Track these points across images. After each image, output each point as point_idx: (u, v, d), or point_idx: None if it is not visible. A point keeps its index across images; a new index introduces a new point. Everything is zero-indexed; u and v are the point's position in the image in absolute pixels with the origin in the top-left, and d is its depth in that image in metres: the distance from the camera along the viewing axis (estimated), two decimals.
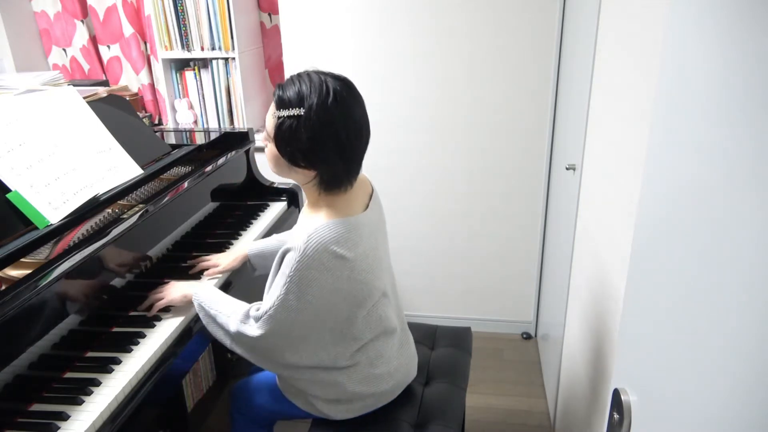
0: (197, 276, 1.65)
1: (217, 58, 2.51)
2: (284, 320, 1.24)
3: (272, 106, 1.23)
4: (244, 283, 1.69)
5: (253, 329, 1.28)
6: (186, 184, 1.77)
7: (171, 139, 2.11)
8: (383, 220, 1.42)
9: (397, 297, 1.50)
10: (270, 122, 1.23)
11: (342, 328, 1.30)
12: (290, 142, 1.19)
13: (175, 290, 1.47)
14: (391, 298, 1.42)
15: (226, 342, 1.36)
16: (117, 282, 1.46)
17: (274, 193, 2.27)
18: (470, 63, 2.33)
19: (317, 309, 1.24)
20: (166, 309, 1.48)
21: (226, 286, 1.64)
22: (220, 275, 1.65)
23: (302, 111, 1.16)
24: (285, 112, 1.18)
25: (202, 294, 1.41)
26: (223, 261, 1.67)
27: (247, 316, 1.30)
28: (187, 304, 1.45)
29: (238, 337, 1.32)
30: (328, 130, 1.17)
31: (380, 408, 1.44)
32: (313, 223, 1.23)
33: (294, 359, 1.31)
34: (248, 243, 1.72)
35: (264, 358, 1.34)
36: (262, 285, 1.38)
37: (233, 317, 1.32)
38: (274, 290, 1.24)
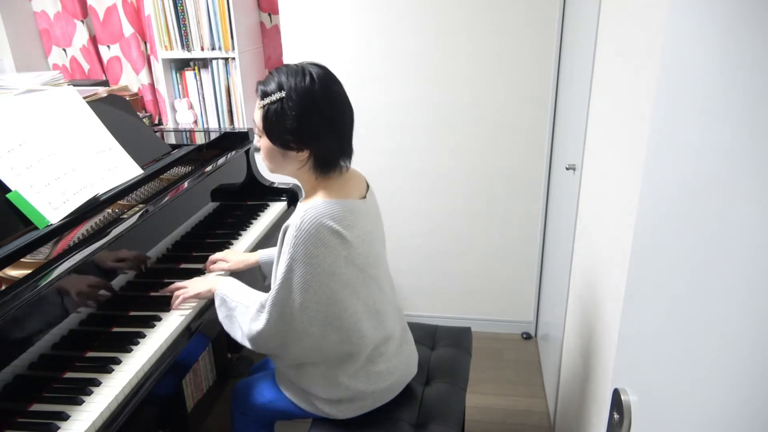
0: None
1: (217, 58, 2.51)
2: (288, 303, 1.26)
3: (257, 101, 1.28)
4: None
5: (262, 320, 1.30)
6: (186, 184, 1.77)
7: (171, 139, 2.11)
8: (380, 216, 1.44)
9: (395, 294, 1.51)
10: (258, 115, 1.29)
11: (344, 325, 1.31)
12: (278, 125, 1.24)
13: (200, 283, 1.48)
14: (388, 295, 1.44)
15: (239, 338, 1.38)
16: (117, 282, 1.46)
17: (274, 193, 2.27)
18: (470, 63, 2.33)
19: (317, 293, 1.25)
20: (166, 309, 1.48)
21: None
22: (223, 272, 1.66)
23: (283, 93, 1.22)
24: (268, 100, 1.24)
25: (224, 287, 1.43)
26: (231, 258, 1.67)
27: (261, 307, 1.32)
28: (212, 296, 1.46)
29: (250, 333, 1.34)
30: (311, 105, 1.22)
31: (380, 408, 1.44)
32: (310, 203, 1.26)
33: (299, 354, 1.33)
34: (260, 251, 1.71)
35: (272, 351, 1.37)
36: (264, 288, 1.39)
37: (251, 309, 1.34)
38: (278, 272, 1.27)
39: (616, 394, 0.80)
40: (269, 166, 1.34)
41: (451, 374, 1.63)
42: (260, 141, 1.31)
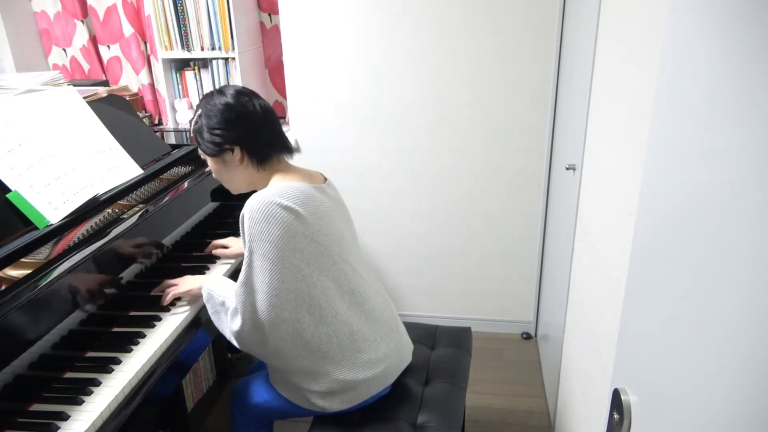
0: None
1: (217, 58, 2.51)
2: (254, 285, 1.28)
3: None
4: None
5: (238, 315, 1.33)
6: (186, 184, 1.77)
7: (171, 139, 2.11)
8: (341, 202, 1.49)
9: (378, 282, 1.53)
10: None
11: (315, 303, 1.32)
12: (204, 136, 1.40)
13: (191, 281, 1.53)
14: (367, 279, 1.46)
15: (227, 335, 1.40)
16: (117, 282, 1.46)
17: None
18: (471, 63, 2.33)
19: (281, 271, 1.27)
20: (166, 309, 1.48)
21: (233, 275, 1.66)
22: (229, 264, 1.67)
23: (200, 111, 1.41)
24: (192, 123, 1.43)
25: (211, 282, 1.46)
26: (232, 244, 1.72)
27: (236, 303, 1.35)
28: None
29: (232, 331, 1.36)
30: (222, 110, 1.37)
31: (379, 407, 1.44)
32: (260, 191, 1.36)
33: (280, 346, 1.34)
34: None
35: (256, 349, 1.37)
36: None
37: (231, 307, 1.37)
38: (243, 259, 1.31)
39: (616, 394, 0.80)
40: (226, 184, 1.47)
41: (451, 374, 1.63)
42: (210, 164, 1.45)
